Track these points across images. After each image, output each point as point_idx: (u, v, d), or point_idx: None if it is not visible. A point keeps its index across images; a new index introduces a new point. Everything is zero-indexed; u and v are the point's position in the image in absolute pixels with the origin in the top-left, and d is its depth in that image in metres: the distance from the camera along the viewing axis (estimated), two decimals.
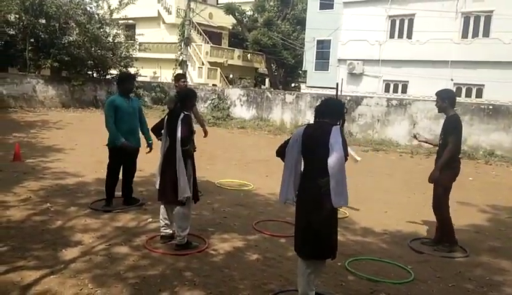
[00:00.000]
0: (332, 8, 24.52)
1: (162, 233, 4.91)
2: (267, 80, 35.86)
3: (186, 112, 4.66)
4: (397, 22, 22.56)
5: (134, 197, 6.32)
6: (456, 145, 5.03)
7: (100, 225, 5.29)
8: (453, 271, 4.61)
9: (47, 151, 9.92)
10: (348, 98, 16.86)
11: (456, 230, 5.84)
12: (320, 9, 25.24)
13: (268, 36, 28.86)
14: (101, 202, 6.12)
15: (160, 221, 4.93)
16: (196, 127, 5.52)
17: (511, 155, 12.90)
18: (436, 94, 5.28)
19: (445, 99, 5.16)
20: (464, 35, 20.66)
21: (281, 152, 3.68)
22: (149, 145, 6.19)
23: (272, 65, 32.46)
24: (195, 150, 4.88)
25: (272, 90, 25.03)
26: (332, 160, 3.26)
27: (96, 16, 21.73)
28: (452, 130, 5.05)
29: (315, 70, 26.01)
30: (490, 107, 13.89)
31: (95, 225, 5.30)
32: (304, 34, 27.56)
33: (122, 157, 5.99)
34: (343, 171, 3.29)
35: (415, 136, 5.70)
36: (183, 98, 4.82)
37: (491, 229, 6.25)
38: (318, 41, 25.68)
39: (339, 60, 24.14)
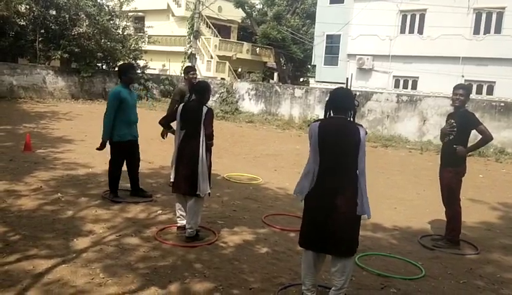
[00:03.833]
0: (343, 2, 24.37)
1: (178, 224, 4.93)
2: (275, 74, 35.76)
3: (208, 107, 4.66)
4: (409, 17, 22.37)
5: (142, 189, 6.31)
6: (488, 131, 4.99)
7: (110, 216, 5.32)
8: (464, 268, 4.58)
9: (57, 142, 9.98)
10: (358, 93, 16.73)
11: (467, 227, 5.82)
12: (330, 3, 25.09)
13: (277, 30, 28.77)
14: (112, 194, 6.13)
15: (177, 212, 4.95)
16: None
17: None
18: (461, 87, 5.20)
19: (468, 96, 5.13)
20: (476, 31, 20.46)
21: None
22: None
23: (281, 59, 32.38)
24: (212, 145, 4.88)
25: (280, 84, 24.97)
26: (362, 165, 3.30)
27: (106, 8, 21.80)
28: (477, 122, 5.02)
29: (324, 65, 25.89)
30: (502, 104, 13.75)
31: (105, 215, 5.33)
32: (313, 28, 27.45)
33: (124, 150, 5.97)
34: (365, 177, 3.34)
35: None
36: (200, 91, 4.79)
37: (502, 227, 6.20)
38: (328, 36, 25.54)
39: (348, 55, 24.01)
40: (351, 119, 3.42)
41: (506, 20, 19.33)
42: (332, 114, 3.44)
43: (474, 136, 5.14)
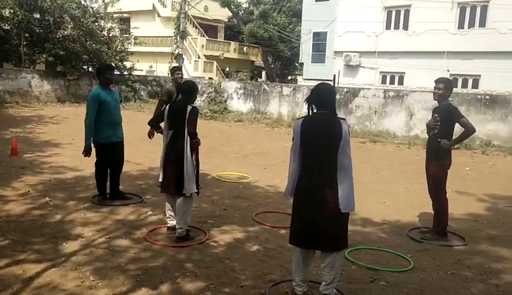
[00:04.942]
0: None
1: (168, 225, 4.94)
2: (263, 73, 35.80)
3: (193, 105, 4.66)
4: (394, 13, 22.53)
5: (121, 192, 6.21)
6: (471, 124, 5.06)
7: (99, 219, 5.29)
8: (452, 260, 4.65)
9: (44, 146, 9.89)
10: (345, 89, 16.86)
11: (455, 219, 5.90)
12: (316, 1, 25.16)
13: (264, 29, 28.79)
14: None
15: (166, 213, 4.96)
16: None
17: (507, 145, 12.96)
18: (441, 80, 5.23)
19: (449, 89, 5.18)
20: (461, 25, 20.68)
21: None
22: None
23: (268, 58, 32.42)
24: (199, 144, 4.86)
25: (269, 82, 25.02)
26: (346, 159, 3.30)
27: (90, 9, 21.61)
28: (459, 115, 5.09)
29: (311, 62, 25.97)
30: (487, 97, 13.93)
31: (94, 218, 5.30)
32: (300, 26, 27.51)
33: (110, 152, 5.89)
34: (351, 171, 3.35)
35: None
36: (186, 91, 4.78)
37: (489, 218, 6.29)
38: (314, 33, 25.62)
39: (335, 52, 24.11)
40: (333, 113, 3.46)
41: (490, 13, 19.56)
42: (314, 110, 3.48)
43: (460, 129, 5.21)
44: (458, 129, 5.09)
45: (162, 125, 4.99)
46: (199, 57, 29.75)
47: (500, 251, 4.97)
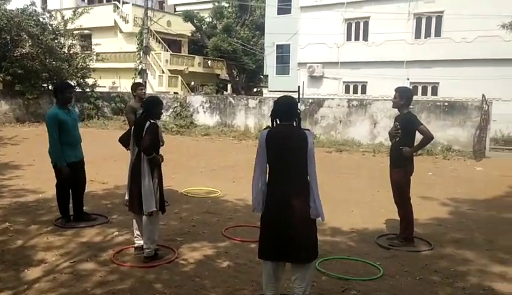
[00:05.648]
0: (290, 12, 24.83)
1: (135, 245, 4.83)
2: (229, 86, 35.85)
3: (152, 121, 4.59)
4: (353, 25, 23.10)
5: (86, 212, 6.02)
6: (429, 131, 5.17)
7: (63, 242, 5.11)
8: (420, 265, 4.74)
9: (3, 168, 9.50)
10: (310, 100, 17.09)
11: (420, 224, 6.03)
12: (278, 14, 25.50)
13: (228, 42, 28.90)
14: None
15: (134, 232, 4.85)
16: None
17: (467, 150, 13.44)
18: (396, 90, 5.37)
19: (404, 98, 5.31)
20: (418, 35, 21.39)
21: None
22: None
23: (233, 71, 32.51)
24: (162, 160, 4.78)
25: (234, 95, 25.07)
26: (312, 169, 3.32)
27: (49, 27, 21.10)
28: (418, 123, 5.22)
29: (276, 74, 26.23)
30: (446, 104, 14.45)
31: (58, 242, 5.11)
32: (263, 39, 27.77)
33: (70, 172, 5.65)
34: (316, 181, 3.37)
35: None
36: (148, 106, 4.72)
37: (453, 221, 6.47)
38: (278, 46, 25.92)
39: (299, 64, 24.46)
40: (297, 125, 3.49)
41: (445, 23, 20.34)
42: (279, 122, 3.51)
43: (421, 136, 5.34)
44: (419, 136, 5.24)
45: None
46: (163, 72, 29.52)
47: (464, 253, 5.11)
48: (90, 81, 22.14)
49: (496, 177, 10.05)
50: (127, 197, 4.77)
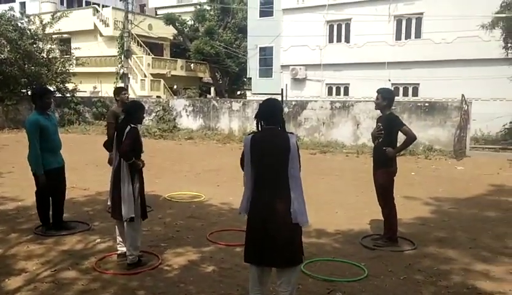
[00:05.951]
0: (272, 15, 24.89)
1: (118, 252, 4.75)
2: (212, 89, 35.72)
3: (132, 125, 4.53)
4: (335, 27, 23.26)
5: (65, 221, 5.87)
6: (412, 131, 5.23)
7: (44, 251, 5.00)
8: (404, 264, 4.77)
9: None
10: (293, 102, 17.15)
11: (404, 224, 6.08)
12: (260, 17, 25.54)
13: (210, 45, 28.81)
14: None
15: (117, 239, 4.78)
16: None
17: (447, 149, 13.64)
18: (378, 91, 5.43)
19: (386, 99, 5.35)
20: (398, 37, 21.63)
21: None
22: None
23: (216, 74, 32.41)
24: (143, 166, 4.71)
25: (218, 98, 25.01)
26: (296, 172, 3.30)
27: (28, 31, 20.79)
28: (400, 123, 5.26)
29: (259, 77, 26.25)
30: (426, 104, 14.65)
31: (38, 250, 5.00)
32: (246, 41, 27.77)
33: (50, 179, 5.51)
34: (301, 184, 3.35)
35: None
36: (128, 111, 4.67)
37: (435, 220, 6.54)
38: (260, 48, 25.96)
39: (282, 66, 24.52)
40: (281, 128, 3.48)
41: (424, 25, 20.62)
42: (263, 125, 3.49)
43: (404, 137, 5.39)
44: (402, 136, 5.28)
45: None
46: (145, 76, 29.28)
47: (447, 252, 5.16)
48: (70, 86, 21.87)
49: (477, 176, 10.22)
50: (109, 203, 4.70)
